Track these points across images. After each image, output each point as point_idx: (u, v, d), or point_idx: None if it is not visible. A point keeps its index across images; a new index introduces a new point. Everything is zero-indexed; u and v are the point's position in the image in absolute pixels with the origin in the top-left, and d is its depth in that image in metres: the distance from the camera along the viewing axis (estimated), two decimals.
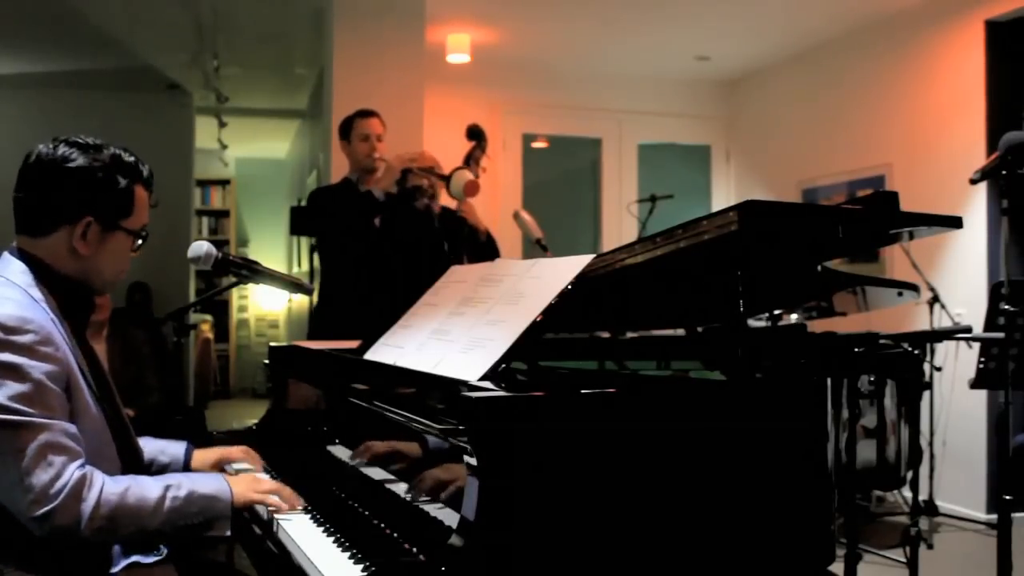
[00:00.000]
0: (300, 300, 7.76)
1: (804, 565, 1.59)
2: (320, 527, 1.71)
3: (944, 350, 4.62)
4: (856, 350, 2.30)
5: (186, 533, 1.66)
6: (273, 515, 1.77)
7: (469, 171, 3.60)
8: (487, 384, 1.49)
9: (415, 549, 1.51)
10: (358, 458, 1.91)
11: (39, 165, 1.70)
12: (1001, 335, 3.25)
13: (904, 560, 3.81)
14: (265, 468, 2.12)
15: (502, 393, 1.41)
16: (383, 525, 1.65)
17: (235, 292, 10.52)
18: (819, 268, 2.12)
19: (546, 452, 1.38)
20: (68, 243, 1.70)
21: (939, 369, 4.49)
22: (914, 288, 2.41)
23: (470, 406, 1.35)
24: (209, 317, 9.84)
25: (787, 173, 6.49)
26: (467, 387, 1.46)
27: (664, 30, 5.91)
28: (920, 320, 4.82)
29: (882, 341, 2.48)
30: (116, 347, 3.85)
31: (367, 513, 1.74)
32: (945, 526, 4.71)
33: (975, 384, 4.14)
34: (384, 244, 3.79)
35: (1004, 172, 2.68)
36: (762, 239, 1.69)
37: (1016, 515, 2.77)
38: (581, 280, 1.64)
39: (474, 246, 3.80)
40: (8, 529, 1.56)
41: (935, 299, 4.63)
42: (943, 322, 4.56)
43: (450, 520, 1.47)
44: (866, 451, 2.19)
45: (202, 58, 6.41)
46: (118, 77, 7.08)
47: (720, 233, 1.52)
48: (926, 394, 4.40)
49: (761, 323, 2.74)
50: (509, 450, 1.35)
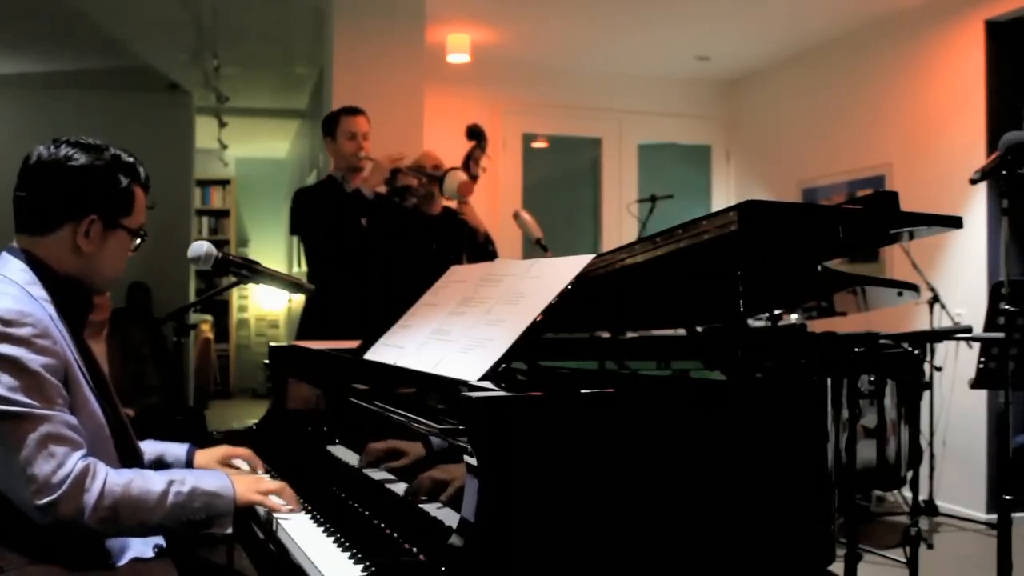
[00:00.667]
0: (300, 300, 7.75)
1: (804, 565, 1.59)
2: (320, 527, 1.71)
3: (944, 350, 4.62)
4: (856, 350, 2.29)
5: (187, 529, 1.67)
6: (272, 515, 1.77)
7: (463, 171, 3.60)
8: (487, 384, 1.49)
9: (415, 549, 1.51)
10: (366, 463, 1.90)
11: (41, 165, 1.71)
12: (1001, 335, 3.25)
13: (904, 560, 3.81)
14: (266, 470, 2.12)
15: (502, 393, 1.42)
16: (383, 525, 1.65)
17: (235, 292, 10.52)
18: (819, 268, 2.12)
19: (546, 452, 1.38)
20: (72, 240, 1.71)
21: (939, 369, 4.49)
22: (914, 288, 2.41)
23: (470, 406, 1.36)
24: (209, 317, 9.84)
25: (787, 173, 6.49)
26: (467, 387, 1.47)
27: (664, 30, 5.91)
28: (920, 320, 4.82)
29: (882, 341, 2.47)
30: (116, 347, 3.86)
31: (367, 513, 1.74)
32: (945, 526, 4.71)
33: (975, 384, 4.14)
34: (371, 243, 3.79)
35: (1004, 172, 2.68)
36: (762, 239, 1.69)
37: (1016, 515, 2.77)
38: (581, 280, 1.64)
39: (472, 247, 3.80)
40: (12, 519, 1.56)
41: (935, 299, 4.63)
42: (943, 322, 4.56)
43: (450, 520, 1.47)
44: (866, 451, 2.19)
45: (202, 58, 6.41)
46: (118, 77, 7.08)
47: (720, 233, 1.52)
48: (926, 394, 4.40)
49: (761, 323, 2.74)
50: (509, 450, 1.35)
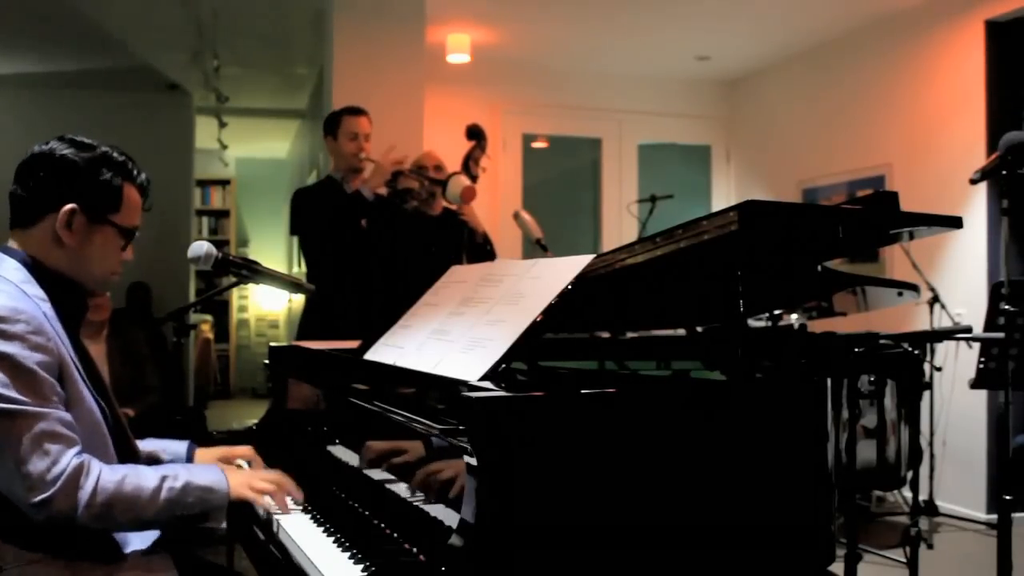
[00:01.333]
0: (300, 300, 7.75)
1: (804, 565, 1.59)
2: (320, 527, 1.71)
3: (944, 350, 4.62)
4: (856, 350, 2.29)
5: (182, 523, 1.68)
6: (273, 515, 1.77)
7: (466, 176, 3.59)
8: (487, 384, 1.49)
9: (415, 549, 1.51)
10: (366, 463, 1.90)
11: (30, 159, 1.74)
12: (1001, 335, 3.25)
13: (904, 560, 3.81)
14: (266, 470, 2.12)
15: (502, 393, 1.41)
16: (383, 525, 1.65)
17: (235, 292, 10.52)
18: (819, 268, 2.12)
19: (546, 452, 1.38)
20: (53, 231, 1.71)
21: (939, 369, 4.49)
22: (914, 288, 2.41)
23: (470, 406, 1.35)
24: (209, 317, 9.84)
25: (787, 173, 6.49)
26: (467, 387, 1.46)
27: (664, 30, 5.91)
28: (920, 320, 4.82)
29: (882, 341, 2.47)
30: (116, 347, 3.85)
31: (367, 513, 1.74)
32: (945, 526, 4.71)
33: (975, 384, 4.14)
34: (370, 245, 3.78)
35: (1004, 172, 2.68)
36: (762, 239, 1.69)
37: (1016, 515, 2.77)
38: (581, 280, 1.64)
39: (471, 247, 3.80)
40: (16, 516, 1.57)
41: (935, 299, 4.63)
42: (943, 322, 4.56)
43: (450, 520, 1.47)
44: (866, 451, 2.18)
45: (202, 58, 6.41)
46: (118, 77, 7.07)
47: (720, 233, 1.52)
48: (926, 394, 4.40)
49: (761, 323, 2.74)
50: (509, 450, 1.35)
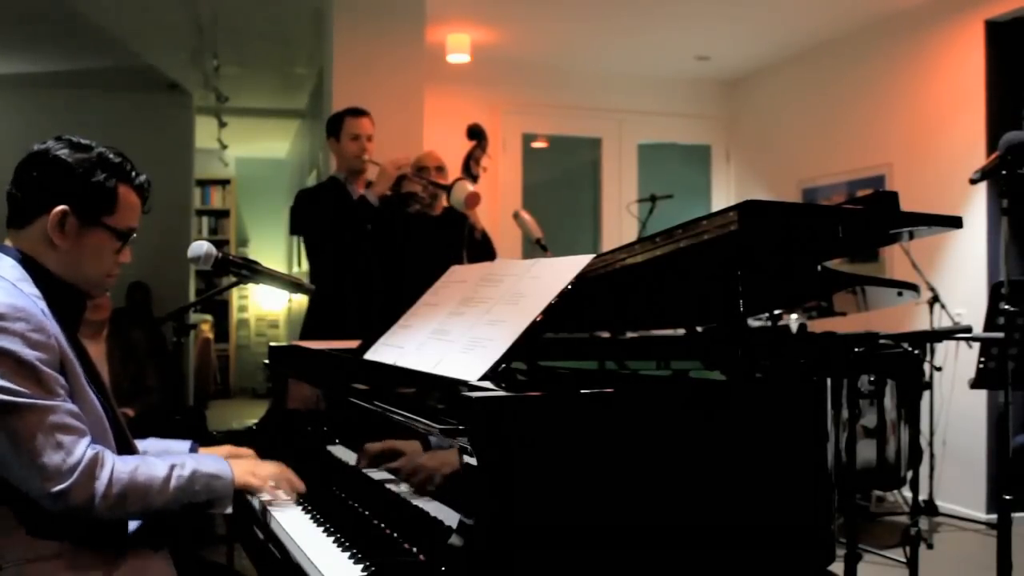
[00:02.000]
0: (300, 300, 7.75)
1: (804, 565, 1.59)
2: (320, 527, 1.71)
3: (944, 350, 4.62)
4: (856, 350, 2.29)
5: (189, 511, 1.71)
6: (266, 505, 1.81)
7: (470, 182, 3.58)
8: (487, 384, 1.49)
9: (415, 549, 1.51)
10: (363, 462, 1.91)
11: (27, 159, 1.74)
12: (1001, 335, 3.25)
13: (904, 560, 3.81)
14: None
15: (502, 393, 1.42)
16: (383, 525, 1.65)
17: (235, 292, 10.52)
18: (819, 268, 2.12)
19: (546, 452, 1.38)
20: (44, 233, 1.71)
21: (939, 369, 4.49)
22: (914, 288, 2.41)
23: (470, 406, 1.36)
24: (209, 317, 9.84)
25: (787, 173, 6.49)
26: (467, 387, 1.47)
27: (664, 30, 5.91)
28: (920, 320, 4.82)
29: (882, 341, 2.47)
30: (116, 347, 3.85)
31: (367, 513, 1.74)
32: (945, 526, 4.71)
33: (975, 384, 4.14)
34: (375, 249, 3.78)
35: (1004, 172, 2.68)
36: (762, 239, 1.69)
37: (1016, 515, 2.77)
38: (581, 280, 1.64)
39: (470, 242, 3.80)
40: (27, 510, 1.58)
41: (935, 299, 4.63)
42: (943, 322, 4.56)
43: (450, 520, 1.47)
44: (866, 451, 2.19)
45: (202, 58, 6.41)
46: (118, 77, 7.07)
47: (720, 233, 1.52)
48: (926, 394, 4.40)
49: (761, 323, 2.74)
50: (509, 450, 1.35)
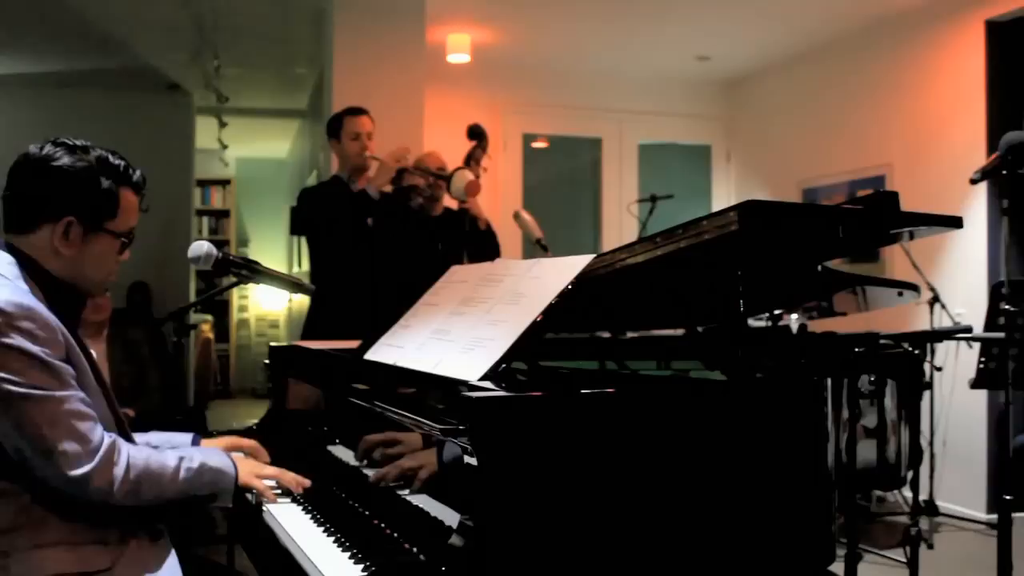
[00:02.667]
0: (300, 300, 7.75)
1: (804, 565, 1.59)
2: (320, 527, 1.71)
3: (944, 350, 4.62)
4: (856, 350, 2.29)
5: (193, 503, 1.76)
6: (262, 500, 1.84)
7: (470, 171, 3.59)
8: (487, 384, 1.49)
9: (415, 549, 1.51)
10: (362, 455, 1.91)
11: (25, 163, 1.73)
12: (1001, 335, 3.25)
13: (904, 560, 3.82)
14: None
15: (502, 393, 1.42)
16: (383, 525, 1.65)
17: (235, 292, 10.51)
18: (819, 268, 2.12)
19: (546, 452, 1.38)
20: (50, 241, 1.71)
21: (939, 369, 4.49)
22: (914, 288, 2.41)
23: (470, 406, 1.36)
24: (209, 317, 9.83)
25: (787, 173, 6.49)
26: (467, 387, 1.47)
27: (664, 30, 5.91)
28: (920, 320, 4.82)
29: (882, 341, 2.47)
30: (116, 347, 3.85)
31: (367, 513, 1.74)
32: (945, 526, 4.71)
33: (975, 384, 4.15)
34: (377, 244, 3.79)
35: (1004, 172, 2.68)
36: (762, 239, 1.69)
37: (1016, 515, 2.77)
38: (581, 280, 1.64)
39: (474, 235, 3.80)
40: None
41: (935, 299, 4.63)
42: (943, 322, 4.56)
43: (450, 520, 1.47)
44: (866, 451, 2.18)
45: (202, 58, 6.40)
46: (118, 77, 7.07)
47: (720, 233, 1.52)
48: (926, 394, 4.40)
49: (761, 323, 2.74)
50: (509, 450, 1.35)
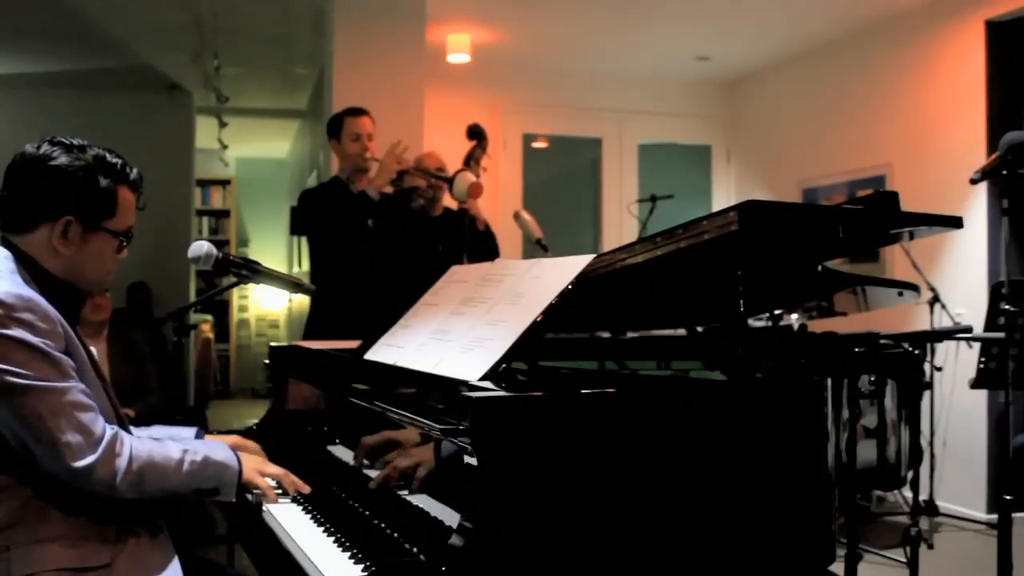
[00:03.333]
0: (300, 300, 7.76)
1: (804, 565, 1.59)
2: (320, 527, 1.71)
3: (944, 350, 4.62)
4: (856, 350, 2.29)
5: (197, 496, 1.76)
6: (262, 499, 1.84)
7: (472, 172, 3.59)
8: (487, 384, 1.49)
9: (415, 549, 1.51)
10: (360, 456, 1.91)
11: (22, 163, 1.73)
12: (1001, 335, 3.25)
13: (904, 560, 3.81)
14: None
15: (502, 393, 1.42)
16: (383, 525, 1.65)
17: (235, 292, 10.51)
18: (819, 268, 2.12)
19: (546, 452, 1.38)
20: (49, 241, 1.71)
21: (939, 369, 4.49)
22: (914, 288, 2.41)
23: (470, 406, 1.35)
24: (209, 317, 9.83)
25: (787, 173, 6.49)
26: (467, 387, 1.47)
27: (664, 30, 5.91)
28: (920, 320, 4.82)
29: (882, 341, 2.47)
30: (116, 347, 3.85)
31: (367, 513, 1.74)
32: (945, 526, 4.71)
33: (975, 384, 4.14)
34: (378, 245, 3.79)
35: (1004, 172, 2.68)
36: (762, 239, 1.69)
37: (1016, 515, 2.77)
38: (581, 280, 1.64)
39: (473, 235, 3.80)
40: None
41: (935, 299, 4.63)
42: (943, 322, 4.56)
43: (450, 520, 1.47)
44: (866, 451, 2.18)
45: (202, 58, 6.41)
46: (118, 77, 7.07)
47: (720, 233, 1.52)
48: (926, 394, 4.40)
49: (761, 323, 2.74)
50: (509, 450, 1.35)
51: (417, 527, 1.56)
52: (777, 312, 2.57)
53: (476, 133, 3.82)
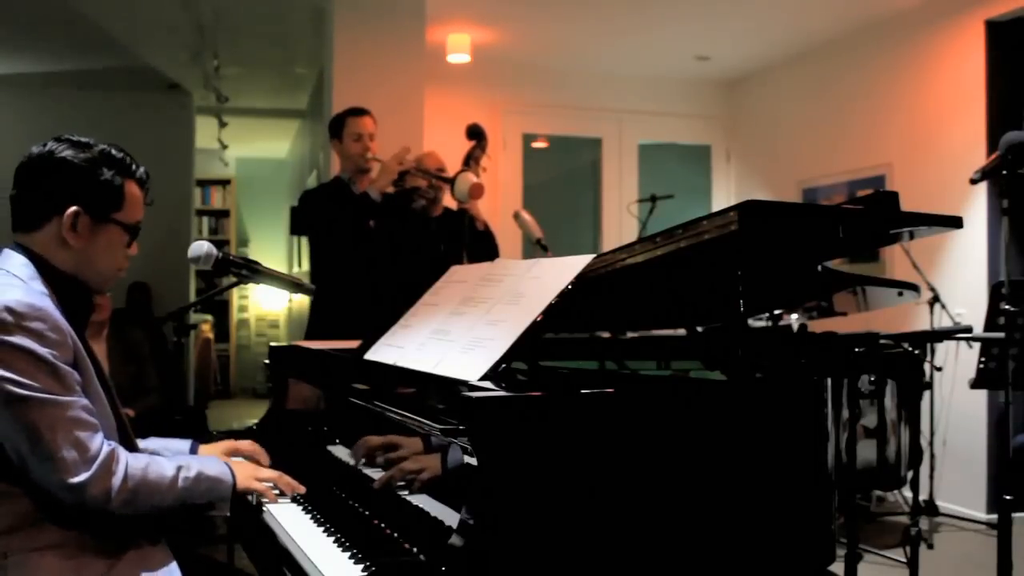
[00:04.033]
0: (300, 300, 7.76)
1: (804, 565, 1.59)
2: (320, 527, 1.71)
3: (944, 350, 4.62)
4: (856, 350, 2.29)
5: (190, 511, 1.77)
6: (261, 500, 1.85)
7: (472, 173, 3.59)
8: (487, 384, 1.49)
9: (415, 549, 1.51)
10: (357, 453, 1.92)
11: (29, 162, 1.74)
12: (1001, 335, 3.25)
13: (904, 560, 3.82)
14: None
15: (502, 393, 1.42)
16: (383, 525, 1.65)
17: (235, 292, 10.52)
18: (819, 268, 2.12)
19: (546, 452, 1.38)
20: (58, 234, 1.72)
21: (939, 369, 4.49)
22: (914, 288, 2.41)
23: (470, 406, 1.35)
24: (209, 317, 9.84)
25: (787, 173, 6.49)
26: (467, 387, 1.47)
27: (664, 30, 5.91)
28: (920, 320, 4.82)
29: (882, 341, 2.47)
30: (116, 347, 3.84)
31: (367, 513, 1.74)
32: (945, 526, 4.71)
33: (975, 384, 4.14)
34: (379, 246, 3.79)
35: (1004, 172, 2.68)
36: (762, 239, 1.69)
37: (1016, 515, 2.77)
38: (581, 280, 1.64)
39: (473, 235, 3.80)
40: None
41: (935, 299, 4.63)
42: (943, 322, 4.56)
43: (450, 520, 1.47)
44: (866, 451, 2.18)
45: (202, 58, 6.41)
46: (118, 77, 7.07)
47: (720, 233, 1.52)
48: (926, 394, 4.40)
49: (761, 323, 2.74)
50: (509, 450, 1.35)
51: (417, 527, 1.56)
52: (777, 312, 2.57)
53: (475, 133, 3.82)
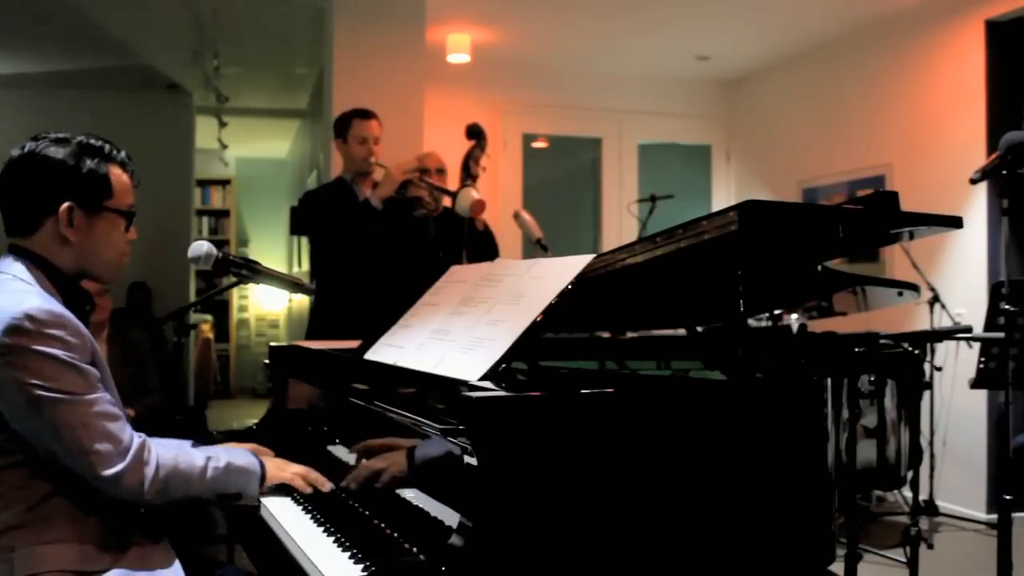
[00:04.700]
0: (300, 300, 7.76)
1: (804, 565, 1.59)
2: (320, 526, 1.71)
3: (944, 350, 4.62)
4: (856, 350, 2.29)
5: (220, 500, 1.81)
6: (266, 506, 1.85)
7: (475, 189, 3.59)
8: (487, 384, 1.49)
9: (415, 549, 1.51)
10: (357, 456, 1.92)
11: (11, 165, 1.75)
12: (1001, 335, 3.25)
13: (904, 560, 3.82)
14: None
15: (502, 393, 1.42)
16: (383, 525, 1.65)
17: (235, 292, 10.52)
18: (819, 268, 2.12)
19: (546, 452, 1.38)
20: (57, 233, 1.73)
21: (939, 369, 4.49)
22: (914, 288, 2.41)
23: (470, 406, 1.35)
24: (209, 317, 9.84)
25: (787, 173, 6.49)
26: (467, 387, 1.47)
27: (664, 30, 5.91)
28: (920, 320, 4.82)
29: (882, 341, 2.47)
30: (116, 347, 3.85)
31: (367, 513, 1.74)
32: (945, 526, 4.71)
33: (975, 384, 4.14)
34: (379, 252, 3.79)
35: (1004, 172, 2.68)
36: (762, 239, 1.69)
37: (1016, 515, 2.77)
38: (581, 280, 1.64)
39: (473, 235, 3.80)
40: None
41: (935, 299, 4.63)
42: (943, 322, 4.56)
43: (450, 520, 1.47)
44: (866, 451, 2.18)
45: (202, 58, 6.41)
46: (118, 77, 7.07)
47: (720, 233, 1.52)
48: (926, 394, 4.40)
49: (761, 323, 2.74)
50: (509, 450, 1.35)
51: (417, 527, 1.56)
52: (777, 312, 2.57)
53: (475, 133, 3.82)
